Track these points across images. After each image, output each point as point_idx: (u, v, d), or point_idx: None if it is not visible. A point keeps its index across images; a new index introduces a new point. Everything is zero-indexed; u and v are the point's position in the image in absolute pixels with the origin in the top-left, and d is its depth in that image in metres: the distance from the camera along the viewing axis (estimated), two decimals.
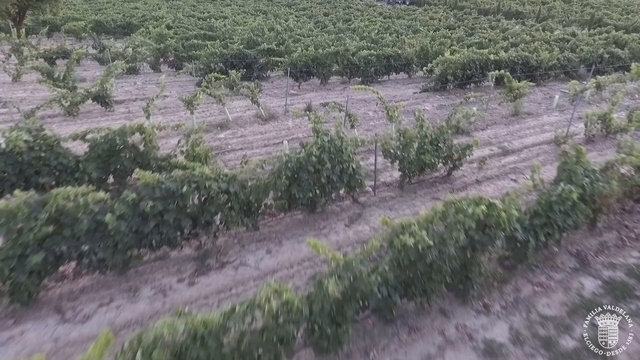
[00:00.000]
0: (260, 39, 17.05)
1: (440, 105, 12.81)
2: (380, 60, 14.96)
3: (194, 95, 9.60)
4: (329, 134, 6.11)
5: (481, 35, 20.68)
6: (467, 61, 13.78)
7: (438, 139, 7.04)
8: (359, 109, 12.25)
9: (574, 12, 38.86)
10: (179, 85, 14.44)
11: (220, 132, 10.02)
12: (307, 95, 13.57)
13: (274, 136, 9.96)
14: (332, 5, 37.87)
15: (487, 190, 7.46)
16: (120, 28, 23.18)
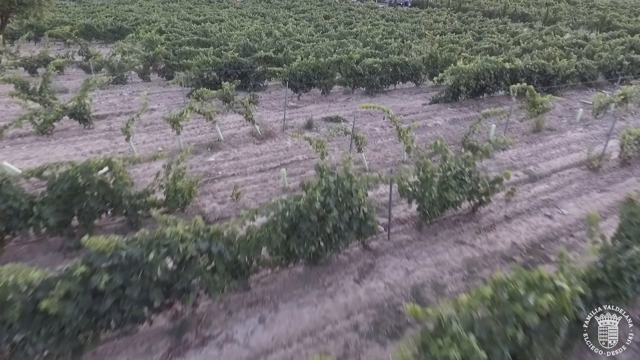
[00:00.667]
0: (257, 45, 15.97)
1: (453, 120, 11.72)
2: (386, 68, 13.88)
3: (180, 113, 8.51)
4: (336, 172, 5.01)
5: (490, 40, 19.60)
6: (480, 70, 12.70)
7: (463, 171, 5.95)
8: (365, 124, 11.16)
9: (581, 14, 37.84)
10: (168, 96, 13.34)
11: (211, 155, 8.93)
12: (308, 108, 12.48)
13: (271, 158, 8.87)
14: (332, 8, 36.80)
15: (520, 231, 6.37)
16: (110, 32, 22.10)
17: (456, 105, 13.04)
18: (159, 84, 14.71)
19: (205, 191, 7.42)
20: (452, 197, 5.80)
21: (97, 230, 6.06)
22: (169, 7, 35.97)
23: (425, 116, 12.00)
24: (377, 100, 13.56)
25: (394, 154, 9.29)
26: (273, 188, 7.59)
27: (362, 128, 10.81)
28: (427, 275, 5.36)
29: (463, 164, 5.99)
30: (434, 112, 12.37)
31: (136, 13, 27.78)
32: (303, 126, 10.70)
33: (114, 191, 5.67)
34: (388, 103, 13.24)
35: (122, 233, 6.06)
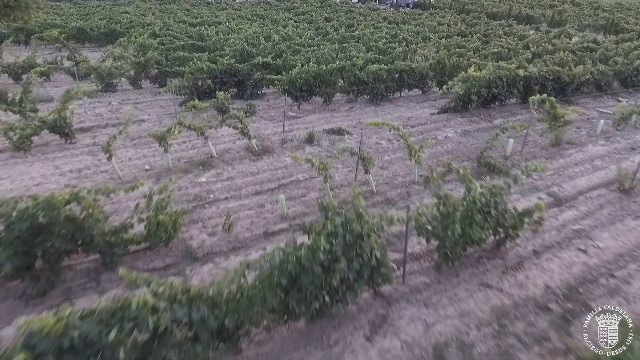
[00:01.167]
0: (256, 49, 15.17)
1: (465, 132, 10.92)
2: (391, 75, 13.09)
3: (169, 129, 7.70)
4: (343, 212, 4.20)
5: (498, 44, 18.81)
6: (493, 78, 11.91)
7: (489, 203, 5.14)
8: (370, 136, 10.36)
9: (587, 15, 37.10)
10: (159, 105, 12.54)
11: (202, 174, 8.12)
12: (308, 119, 11.68)
13: (268, 178, 8.06)
14: (332, 10, 36.03)
15: (552, 269, 5.56)
16: (103, 36, 21.31)
17: (466, 115, 12.24)
18: (151, 91, 13.91)
19: (194, 219, 6.61)
20: (477, 235, 4.99)
21: (66, 272, 5.26)
22: (166, 9, 35.18)
23: (435, 127, 11.20)
24: (382, 109, 12.76)
25: (403, 172, 8.48)
26: (270, 215, 6.78)
27: (367, 142, 10.01)
28: (450, 330, 4.56)
29: (489, 195, 5.19)
30: (444, 123, 11.56)
31: (131, 15, 26.99)
32: (303, 140, 9.90)
33: (84, 228, 4.87)
34: (394, 112, 12.45)
35: (96, 273, 5.27)
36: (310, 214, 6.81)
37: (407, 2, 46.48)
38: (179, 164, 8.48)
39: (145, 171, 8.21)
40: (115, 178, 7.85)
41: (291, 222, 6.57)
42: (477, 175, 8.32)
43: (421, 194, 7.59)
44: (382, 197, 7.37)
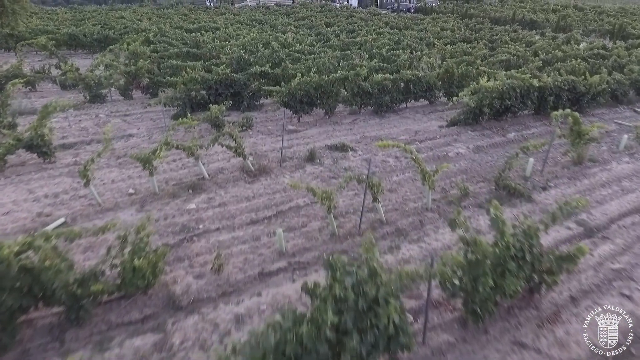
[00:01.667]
0: (253, 57, 14.43)
1: (477, 147, 10.13)
2: (397, 85, 12.32)
3: (154, 150, 6.91)
4: (355, 271, 3.41)
5: (506, 51, 18.08)
6: (506, 89, 11.15)
7: (523, 247, 4.35)
8: (376, 154, 9.57)
9: (591, 20, 36.47)
10: (150, 118, 11.75)
11: (192, 199, 7.32)
12: (309, 133, 10.89)
13: (265, 204, 7.26)
14: (333, 14, 35.38)
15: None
16: (96, 42, 20.58)
17: (477, 128, 11.47)
18: (142, 102, 13.14)
19: (179, 256, 5.81)
20: (512, 287, 4.19)
21: (24, 329, 4.45)
22: (163, 13, 34.56)
23: (445, 142, 10.42)
24: (387, 121, 11.99)
25: (414, 195, 7.69)
26: (267, 250, 5.98)
27: (373, 159, 9.22)
28: None
29: (523, 237, 4.40)
30: (454, 137, 10.78)
31: (127, 21, 26.29)
32: (304, 158, 9.11)
33: (44, 281, 4.07)
34: (400, 125, 11.68)
35: (60, 330, 4.47)
36: (311, 249, 6.02)
37: (408, 6, 45.94)
38: (166, 187, 7.68)
39: (128, 196, 7.41)
40: (95, 204, 7.05)
41: (290, 260, 5.77)
42: (496, 199, 7.54)
43: (435, 223, 6.80)
44: (393, 228, 6.57)
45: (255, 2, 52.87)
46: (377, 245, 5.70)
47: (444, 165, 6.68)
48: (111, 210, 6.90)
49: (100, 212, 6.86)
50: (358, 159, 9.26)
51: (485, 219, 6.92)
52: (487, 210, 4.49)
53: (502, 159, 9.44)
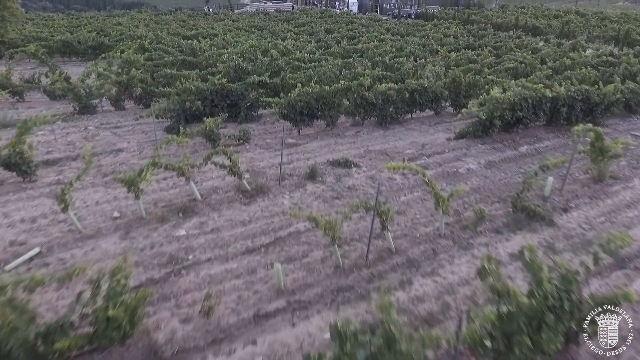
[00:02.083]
0: (252, 66, 13.85)
1: (489, 163, 9.52)
2: (402, 95, 11.73)
3: (140, 171, 6.29)
4: (368, 342, 2.76)
5: (512, 58, 17.53)
6: (518, 100, 10.56)
7: (561, 295, 3.71)
8: (382, 170, 8.94)
9: (595, 26, 36.05)
10: (142, 130, 11.14)
11: (182, 224, 6.68)
12: (310, 146, 10.28)
13: (262, 229, 6.63)
14: (333, 20, 34.96)
15: None
16: (91, 49, 20.03)
17: (487, 141, 10.85)
18: (135, 113, 12.53)
19: (165, 294, 5.16)
20: (552, 345, 3.55)
21: None
22: (161, 19, 34.11)
23: (454, 157, 9.80)
24: (391, 133, 11.38)
25: (424, 218, 7.06)
26: (263, 286, 5.34)
27: (379, 176, 8.61)
28: None
29: (561, 282, 3.76)
30: (464, 151, 10.17)
31: (123, 27, 25.79)
32: (304, 175, 8.48)
33: None
34: (405, 138, 11.07)
35: None
36: (313, 285, 5.38)
37: (408, 12, 45.62)
38: (154, 210, 7.05)
39: (113, 220, 6.78)
40: (75, 230, 6.42)
41: (290, 298, 5.13)
42: (514, 223, 6.93)
43: (450, 251, 6.16)
44: (403, 258, 5.94)
45: (255, 8, 52.61)
46: (386, 279, 5.07)
47: (460, 189, 6.05)
48: (92, 238, 6.27)
49: (80, 240, 6.22)
50: (362, 176, 8.64)
51: (504, 246, 6.30)
52: (521, 252, 3.84)
53: (517, 176, 8.84)
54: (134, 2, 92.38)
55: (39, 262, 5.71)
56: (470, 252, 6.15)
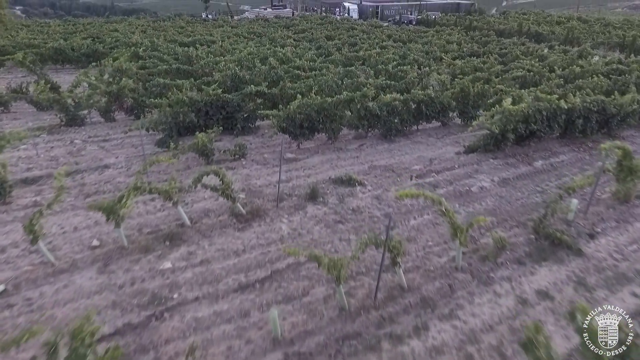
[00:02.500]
0: (250, 74, 13.21)
1: (503, 180, 8.84)
2: (407, 106, 11.08)
3: (120, 197, 5.60)
4: None
5: (519, 66, 16.92)
6: (532, 112, 9.91)
7: None
8: (388, 188, 8.27)
9: (598, 33, 35.56)
10: (132, 144, 10.48)
11: (168, 254, 5.99)
12: (310, 162, 9.60)
13: (258, 261, 5.94)
14: (334, 26, 34.43)
15: None
16: (84, 56, 19.43)
17: (499, 156, 10.19)
18: (126, 124, 11.86)
19: (143, 345, 4.46)
20: None
21: None
22: (159, 26, 33.57)
23: (465, 174, 9.13)
24: (397, 147, 10.72)
25: (438, 246, 6.37)
26: (257, 334, 4.64)
27: (384, 197, 7.93)
28: None
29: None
30: (475, 167, 9.50)
31: (120, 34, 25.21)
32: (304, 195, 7.80)
33: None
34: (412, 152, 10.40)
35: None
36: (315, 332, 4.68)
37: (409, 19, 45.21)
38: (138, 238, 6.36)
39: (91, 249, 6.09)
40: (48, 263, 5.73)
41: (287, 350, 4.43)
42: (538, 252, 6.24)
43: (468, 287, 5.47)
44: (417, 296, 5.25)
45: (254, 15, 52.22)
46: (398, 323, 4.35)
47: (480, 219, 5.35)
48: (66, 272, 5.58)
49: (52, 275, 5.53)
50: (368, 196, 7.96)
51: (529, 281, 5.61)
52: (572, 315, 3.15)
53: (534, 195, 8.17)
54: (135, 9, 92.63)
55: (1, 303, 5.02)
56: (491, 288, 5.46)
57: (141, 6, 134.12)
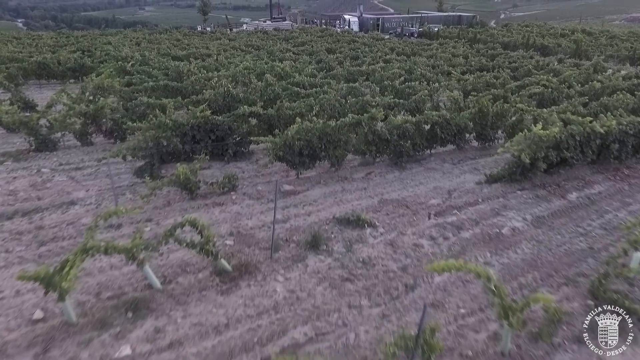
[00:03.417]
0: (243, 93, 12.01)
1: (538, 219, 7.54)
2: (420, 129, 9.84)
3: (63, 265, 4.28)
4: None
5: (534, 81, 15.75)
6: (564, 137, 8.67)
7: None
8: (404, 230, 6.96)
9: (605, 45, 34.65)
10: (107, 174, 9.18)
11: (128, 333, 4.64)
12: (310, 195, 8.31)
13: (244, 341, 4.60)
14: (334, 39, 33.52)
15: None
16: (70, 71, 18.29)
17: (527, 186, 8.92)
18: (105, 148, 10.63)
19: None
20: None
21: None
22: (155, 38, 32.65)
23: (491, 210, 7.83)
24: (409, 175, 9.45)
25: (472, 316, 5.04)
26: None
27: (399, 242, 6.62)
28: None
29: None
30: (501, 201, 8.21)
31: (112, 46, 24.16)
32: (304, 242, 6.49)
33: None
34: (427, 182, 9.13)
35: None
36: None
37: (411, 31, 44.44)
38: (95, 305, 5.03)
39: (31, 324, 4.75)
40: None
41: None
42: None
43: None
44: None
45: (254, 27, 51.53)
46: None
47: (540, 297, 4.02)
48: None
49: None
50: (380, 242, 6.65)
51: None
52: None
53: (577, 239, 6.87)
54: (136, 22, 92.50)
55: None
56: None
57: (143, 19, 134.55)
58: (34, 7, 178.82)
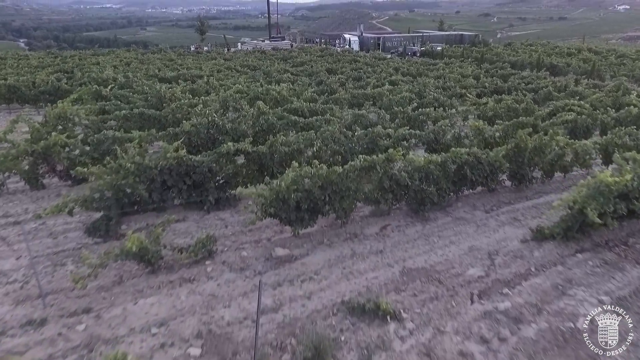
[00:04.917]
0: (232, 121, 10.17)
1: (619, 301, 5.56)
2: (445, 170, 7.94)
3: None
4: None
5: (559, 105, 14.00)
6: (636, 184, 6.77)
7: None
8: (444, 330, 4.96)
9: (616, 65, 33.28)
10: (50, 232, 7.21)
11: None
12: (310, 263, 6.34)
13: None
14: (334, 59, 32.05)
15: None
16: (44, 95, 16.52)
17: (586, 246, 6.97)
18: (59, 192, 8.70)
19: None
20: None
21: None
22: (147, 58, 31.15)
23: (552, 288, 5.85)
24: (435, 229, 7.52)
25: None
26: None
27: (437, 349, 4.62)
28: None
29: None
30: (561, 272, 6.23)
31: (96, 68, 22.50)
32: (302, 352, 4.48)
33: None
34: (459, 239, 7.17)
35: None
36: None
37: (413, 50, 43.24)
38: None
39: None
40: None
41: None
42: None
43: None
44: None
45: (252, 46, 50.39)
46: None
47: None
48: None
49: None
50: (411, 350, 4.65)
51: None
52: None
53: None
54: (137, 42, 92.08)
55: None
56: None
57: (144, 39, 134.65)
58: (37, 28, 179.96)
